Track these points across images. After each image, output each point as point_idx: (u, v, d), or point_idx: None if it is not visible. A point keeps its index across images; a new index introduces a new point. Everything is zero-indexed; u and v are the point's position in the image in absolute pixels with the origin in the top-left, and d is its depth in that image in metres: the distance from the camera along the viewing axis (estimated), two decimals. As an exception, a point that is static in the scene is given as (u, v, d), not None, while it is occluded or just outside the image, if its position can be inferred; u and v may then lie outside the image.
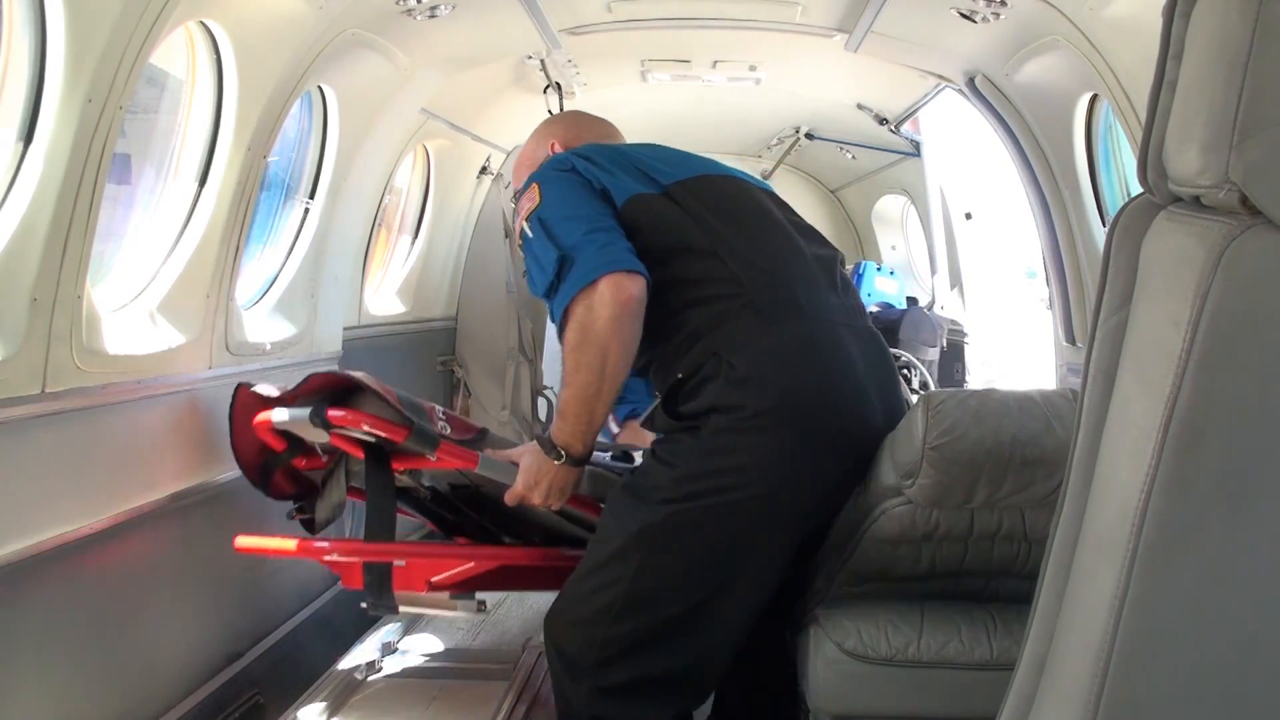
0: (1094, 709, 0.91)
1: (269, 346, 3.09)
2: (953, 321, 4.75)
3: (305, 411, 2.31)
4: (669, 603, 2.07)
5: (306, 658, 3.01)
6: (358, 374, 2.37)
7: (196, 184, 2.64)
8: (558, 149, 2.44)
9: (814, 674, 2.19)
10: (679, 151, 2.35)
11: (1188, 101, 0.89)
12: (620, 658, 2.08)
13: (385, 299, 4.52)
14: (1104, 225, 3.22)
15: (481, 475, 2.33)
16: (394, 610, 2.38)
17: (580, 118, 2.70)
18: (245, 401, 2.50)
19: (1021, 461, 2.06)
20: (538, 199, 2.13)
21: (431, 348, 5.04)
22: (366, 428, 2.26)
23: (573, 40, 3.56)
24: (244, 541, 2.43)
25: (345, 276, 3.70)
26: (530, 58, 3.71)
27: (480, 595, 2.50)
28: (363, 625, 3.01)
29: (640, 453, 2.26)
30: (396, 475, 2.40)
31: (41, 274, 1.95)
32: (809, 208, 6.04)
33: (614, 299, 1.99)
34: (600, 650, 2.09)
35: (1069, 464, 1.06)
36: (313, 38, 2.68)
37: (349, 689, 2.58)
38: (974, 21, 2.88)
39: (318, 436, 2.39)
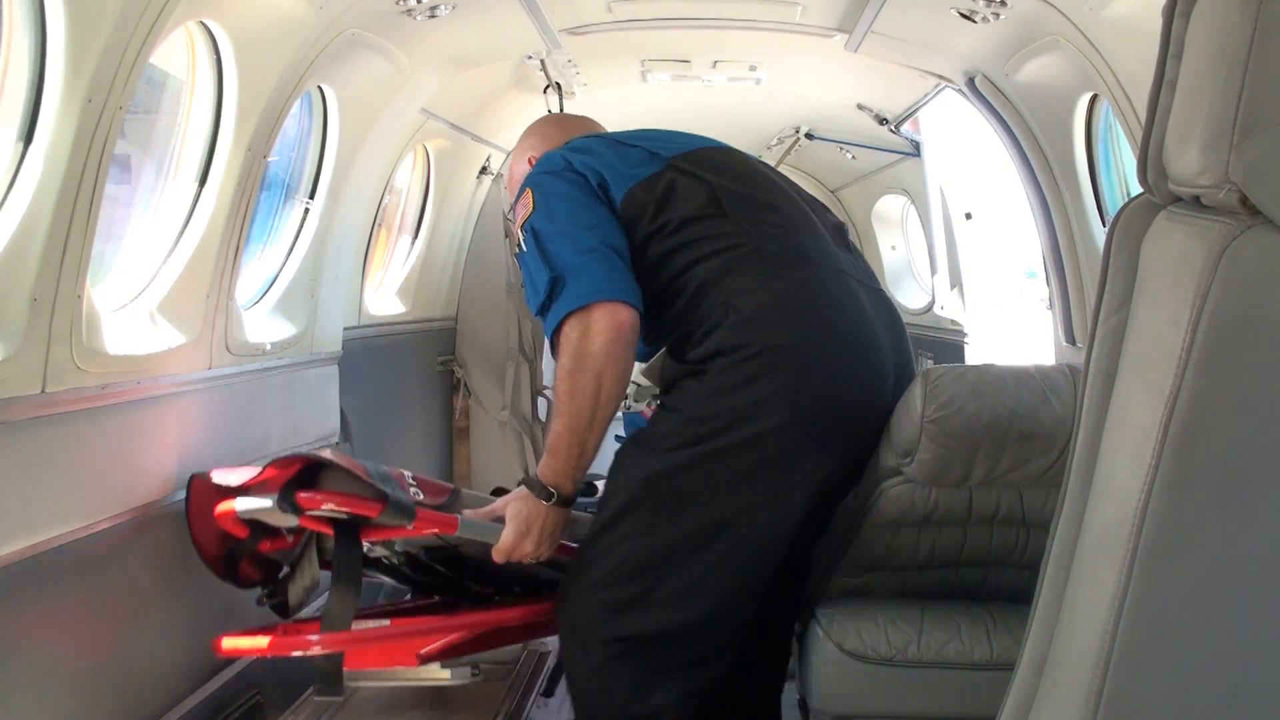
0: (1094, 709, 0.91)
1: (269, 346, 3.09)
2: (953, 321, 4.75)
3: (271, 498, 2.20)
4: (680, 557, 2.02)
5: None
6: (323, 453, 2.27)
7: (196, 184, 2.64)
8: (535, 160, 2.39)
9: (814, 674, 2.19)
10: (677, 132, 2.34)
11: (1188, 101, 0.89)
12: (631, 618, 2.03)
13: (385, 299, 4.52)
14: (1104, 225, 3.22)
15: (462, 537, 2.25)
16: (340, 695, 2.31)
17: (559, 120, 2.66)
18: (202, 492, 2.38)
19: (1019, 435, 2.08)
20: (531, 205, 2.11)
21: (431, 348, 5.04)
22: (337, 507, 2.18)
23: (573, 40, 3.56)
24: (228, 644, 2.33)
25: (345, 276, 3.70)
26: (530, 58, 3.71)
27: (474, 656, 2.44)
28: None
29: (602, 482, 2.22)
30: (369, 546, 2.31)
31: (41, 274, 1.95)
32: (809, 208, 6.03)
33: (610, 324, 1.98)
34: (610, 614, 2.04)
35: (1069, 464, 1.06)
36: (313, 38, 2.68)
37: (350, 689, 2.58)
38: (974, 21, 2.88)
39: (286, 521, 2.27)
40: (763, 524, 2.05)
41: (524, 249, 2.09)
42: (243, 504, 2.25)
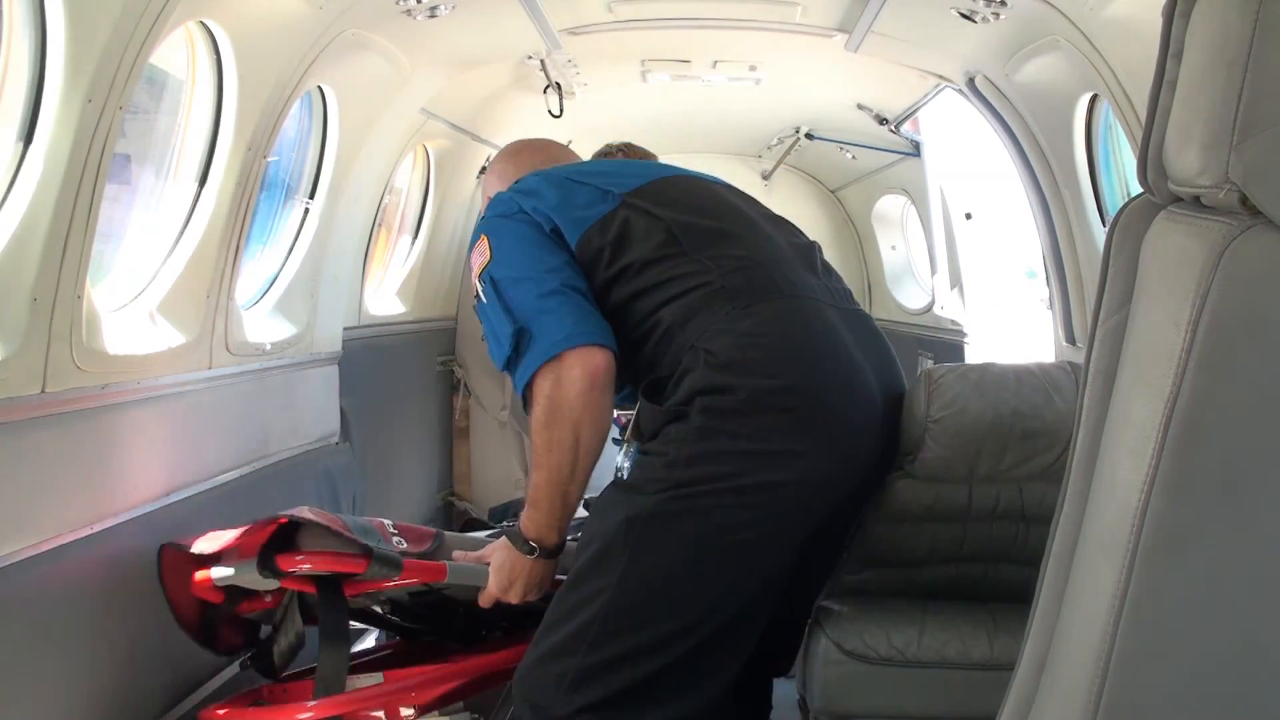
0: (1094, 709, 0.91)
1: (269, 346, 3.09)
2: (953, 321, 4.75)
3: (251, 564, 2.12)
4: (656, 619, 1.86)
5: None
6: (300, 512, 2.18)
7: (196, 184, 2.64)
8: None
9: (814, 674, 2.19)
10: (633, 162, 2.25)
11: (1188, 101, 0.89)
12: (596, 702, 1.85)
13: (385, 299, 4.52)
14: (1104, 225, 3.22)
15: (450, 584, 2.20)
16: None
17: (517, 151, 2.47)
18: (176, 561, 2.30)
19: (1022, 434, 2.08)
20: (488, 253, 1.99)
21: (431, 348, 5.04)
22: (319, 568, 2.11)
23: (573, 40, 3.56)
24: None
25: (345, 276, 3.70)
26: (530, 58, 3.71)
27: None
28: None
29: (580, 503, 2.15)
30: (351, 599, 2.23)
31: (41, 274, 1.95)
32: (809, 208, 6.03)
33: (584, 372, 1.87)
34: (570, 688, 1.85)
35: (1069, 464, 1.06)
36: (313, 38, 2.68)
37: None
38: (974, 21, 2.88)
39: (267, 585, 2.20)
40: (751, 586, 1.92)
41: (483, 300, 1.97)
42: (219, 573, 2.17)
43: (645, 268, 1.97)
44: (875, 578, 2.25)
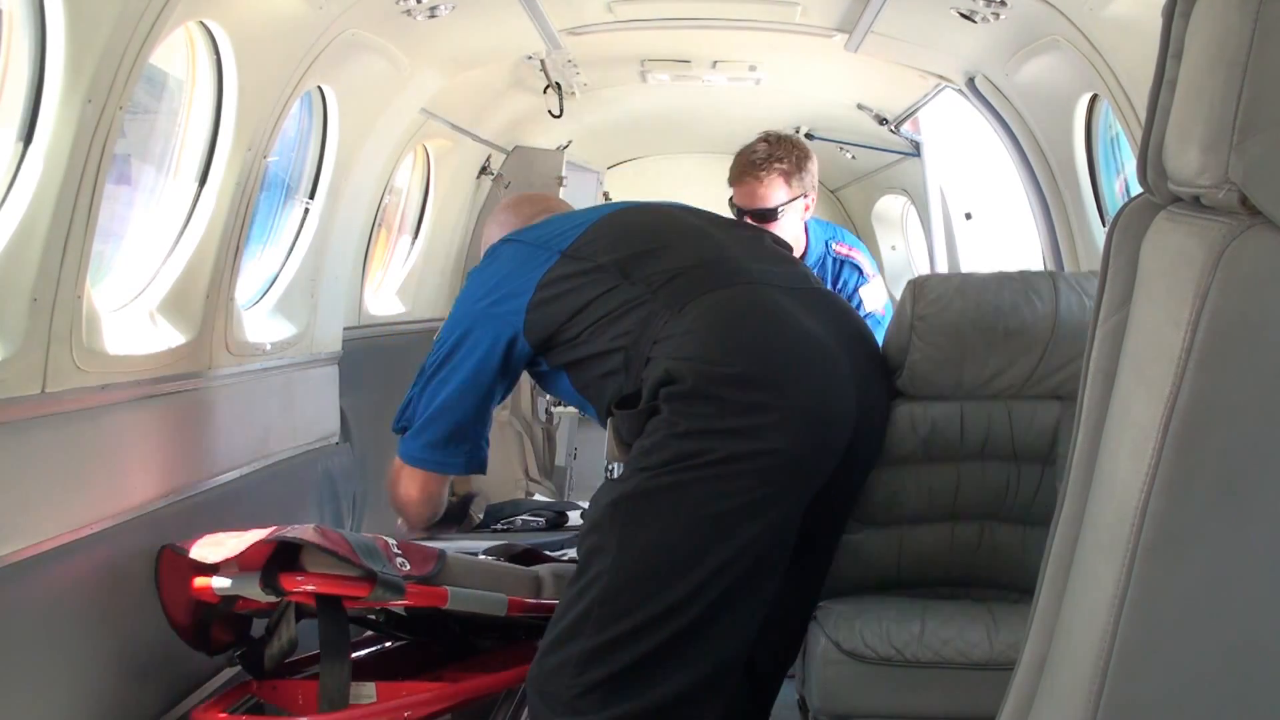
0: (1094, 709, 0.91)
1: (269, 346, 3.09)
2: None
3: (253, 579, 2.15)
4: (652, 595, 1.92)
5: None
6: (304, 532, 2.18)
7: (196, 184, 2.64)
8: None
9: (814, 674, 2.19)
10: (576, 213, 2.39)
11: (1188, 101, 0.89)
12: (603, 679, 1.91)
13: (385, 299, 4.52)
14: (1104, 225, 3.22)
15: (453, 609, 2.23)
16: None
17: (518, 203, 2.60)
18: (174, 565, 2.30)
19: (1004, 332, 2.18)
20: (451, 337, 2.24)
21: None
22: (322, 589, 2.14)
23: (573, 40, 3.56)
24: None
25: (345, 276, 3.70)
26: (530, 58, 3.71)
27: None
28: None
29: (578, 511, 2.20)
30: (350, 609, 2.26)
31: (41, 274, 1.95)
32: (809, 208, 6.03)
33: (409, 484, 2.29)
34: (576, 671, 1.92)
35: (1069, 464, 1.05)
36: (313, 38, 2.68)
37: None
38: (974, 21, 2.88)
39: (268, 599, 2.21)
40: (743, 556, 1.97)
41: (428, 359, 2.29)
42: (220, 583, 2.21)
43: (592, 306, 2.11)
44: (870, 541, 2.25)
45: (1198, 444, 0.86)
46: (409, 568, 2.21)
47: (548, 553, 2.64)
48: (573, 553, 2.28)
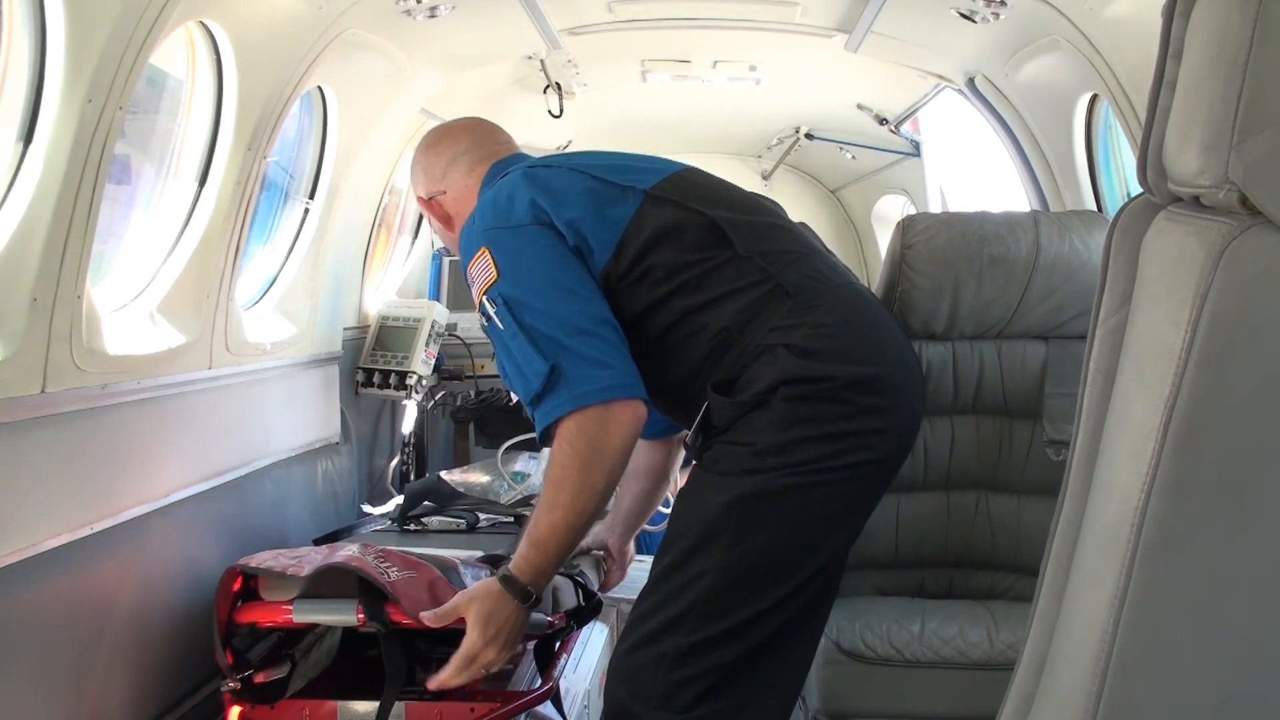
0: (1094, 709, 0.91)
1: (269, 346, 3.09)
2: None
3: (350, 608, 2.12)
4: (755, 596, 1.82)
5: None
6: (365, 565, 2.13)
7: (196, 184, 2.64)
8: (461, 179, 2.17)
9: (814, 674, 2.19)
10: (632, 155, 2.14)
11: (1188, 101, 0.89)
12: (698, 674, 1.81)
13: (385, 299, 4.51)
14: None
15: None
16: None
17: (435, 142, 2.25)
18: (242, 585, 2.27)
19: (989, 260, 2.35)
20: (494, 271, 1.86)
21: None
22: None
23: (573, 40, 3.56)
24: None
25: (345, 276, 3.70)
26: (530, 58, 3.71)
27: None
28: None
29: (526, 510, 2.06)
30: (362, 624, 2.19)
31: (41, 274, 1.95)
32: (809, 208, 6.03)
33: (635, 427, 1.82)
34: (672, 666, 1.81)
35: (1069, 464, 1.05)
36: (313, 38, 2.68)
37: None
38: (974, 21, 2.88)
39: (369, 629, 2.18)
40: (835, 561, 1.93)
41: (498, 325, 1.84)
42: (309, 613, 2.19)
43: (682, 269, 1.90)
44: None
45: (1198, 444, 0.85)
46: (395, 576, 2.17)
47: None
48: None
